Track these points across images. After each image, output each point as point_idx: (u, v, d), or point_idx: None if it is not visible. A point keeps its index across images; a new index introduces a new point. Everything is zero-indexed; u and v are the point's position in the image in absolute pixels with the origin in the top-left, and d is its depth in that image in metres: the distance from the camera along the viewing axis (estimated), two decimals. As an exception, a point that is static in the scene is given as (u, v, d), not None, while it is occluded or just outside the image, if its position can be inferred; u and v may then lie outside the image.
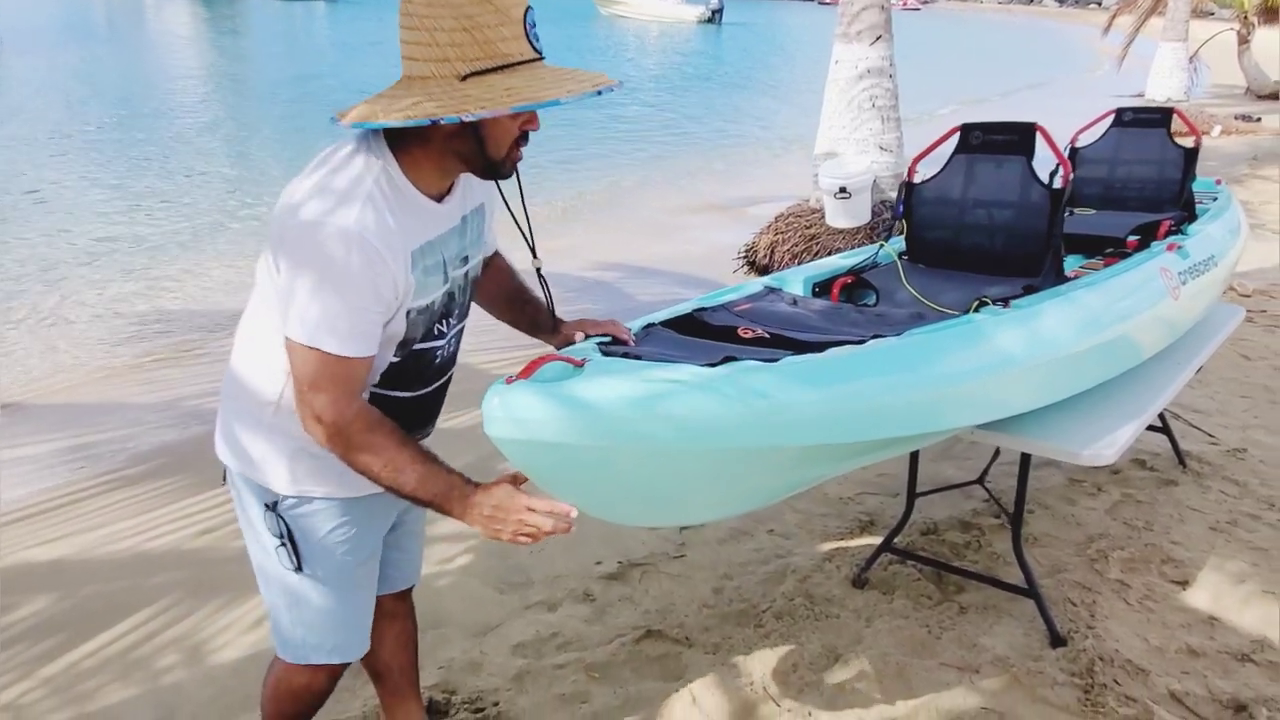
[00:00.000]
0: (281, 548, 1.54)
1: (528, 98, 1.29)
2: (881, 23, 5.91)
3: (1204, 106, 14.74)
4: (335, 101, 14.56)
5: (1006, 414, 2.05)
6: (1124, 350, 2.38)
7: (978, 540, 2.89)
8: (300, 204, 1.30)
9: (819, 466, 1.81)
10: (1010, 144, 2.58)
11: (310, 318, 1.29)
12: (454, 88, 1.30)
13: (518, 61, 1.33)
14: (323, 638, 1.64)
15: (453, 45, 1.29)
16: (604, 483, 1.54)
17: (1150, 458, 3.39)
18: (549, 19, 21.54)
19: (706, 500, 1.71)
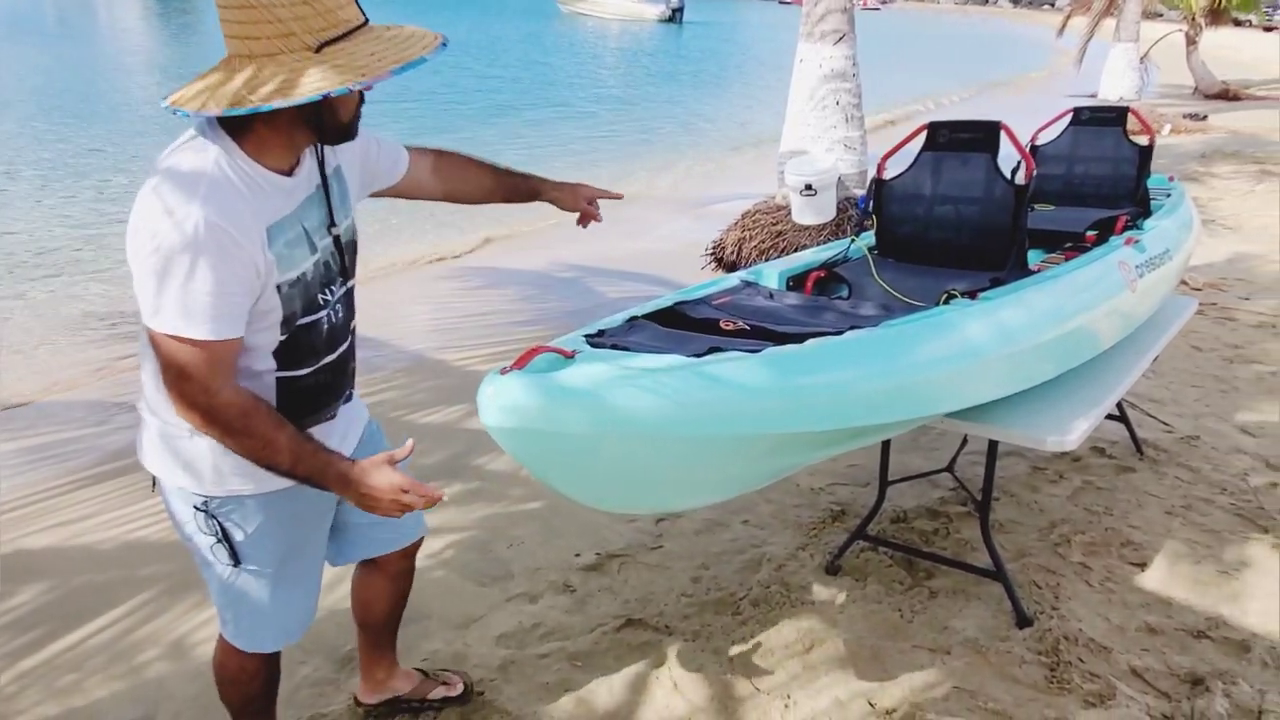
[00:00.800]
0: (218, 545, 1.57)
1: (396, 59, 1.32)
2: (845, 23, 6.01)
3: (1155, 106, 15.10)
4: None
5: (975, 402, 2.12)
6: (1085, 340, 2.47)
7: (946, 527, 2.98)
8: (149, 201, 1.31)
9: (800, 453, 1.87)
10: (975, 141, 2.66)
11: (170, 306, 1.30)
12: (315, 59, 1.31)
13: (357, 26, 1.36)
14: (262, 628, 1.70)
15: (296, 19, 1.30)
16: (593, 470, 1.58)
17: (1109, 445, 3.51)
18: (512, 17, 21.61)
19: (691, 486, 1.76)
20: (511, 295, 6.26)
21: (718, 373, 1.63)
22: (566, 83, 19.09)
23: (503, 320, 5.63)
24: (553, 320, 5.57)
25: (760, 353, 1.72)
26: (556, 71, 21.53)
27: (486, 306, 5.90)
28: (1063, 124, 3.67)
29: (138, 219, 1.32)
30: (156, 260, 1.29)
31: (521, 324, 5.48)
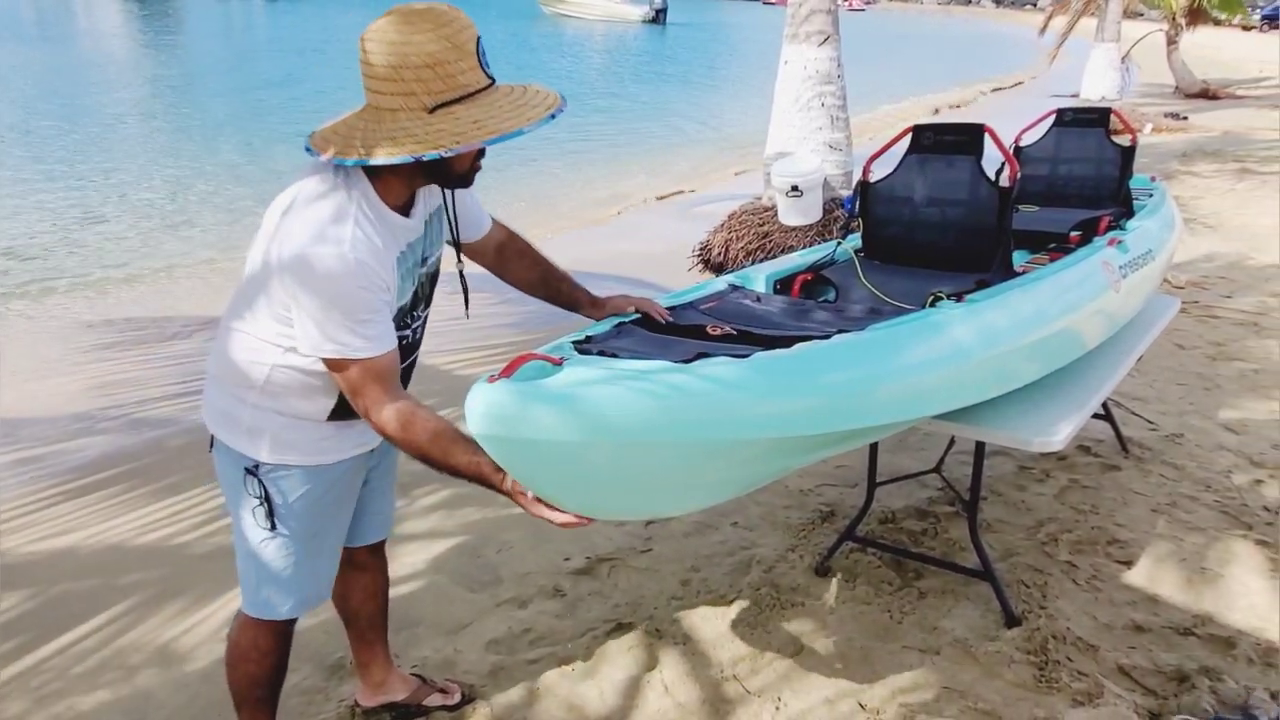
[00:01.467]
0: (259, 508, 1.70)
1: (494, 130, 1.47)
2: (829, 25, 6.03)
3: (1136, 105, 15.23)
4: (285, 108, 14.25)
5: (963, 404, 2.13)
6: (1071, 341, 2.49)
7: (935, 527, 2.99)
8: (302, 241, 1.47)
9: (789, 457, 1.87)
10: (960, 144, 2.67)
11: (337, 335, 1.48)
12: (425, 121, 1.46)
13: (476, 90, 1.49)
14: (283, 594, 1.79)
15: (419, 81, 1.44)
16: (582, 477, 1.58)
17: (1095, 444, 3.53)
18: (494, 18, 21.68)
19: (681, 492, 1.75)
20: (498, 299, 6.25)
21: (705, 378, 1.63)
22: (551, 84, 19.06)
23: (490, 324, 5.61)
24: (540, 324, 5.56)
25: (748, 358, 1.72)
26: (540, 73, 21.50)
27: (474, 310, 5.88)
28: (1045, 125, 3.69)
29: (295, 251, 1.46)
30: (322, 299, 1.47)
31: (509, 327, 5.47)
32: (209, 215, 8.30)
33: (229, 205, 8.70)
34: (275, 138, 12.00)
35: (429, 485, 3.47)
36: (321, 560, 1.83)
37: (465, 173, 1.60)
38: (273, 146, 11.45)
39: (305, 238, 1.46)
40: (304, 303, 1.48)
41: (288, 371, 1.61)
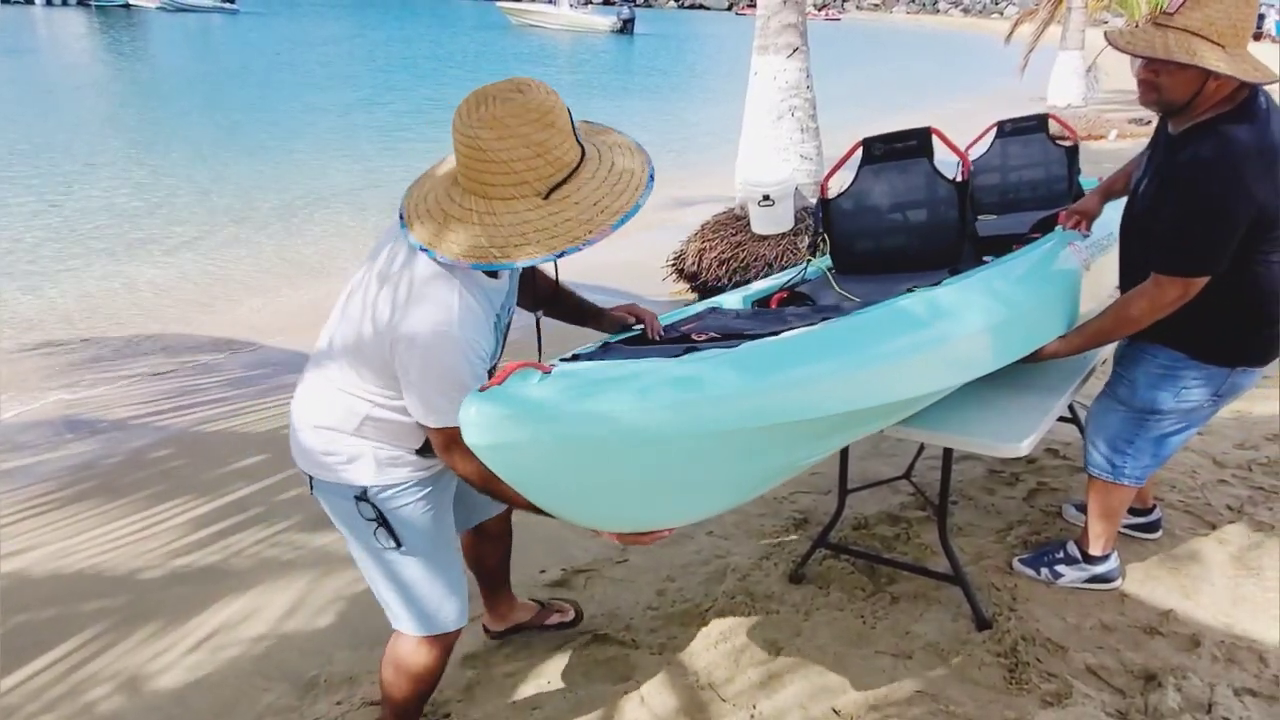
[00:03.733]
0: (380, 529, 1.77)
1: (618, 210, 1.54)
2: (798, 37, 6.09)
3: (1102, 112, 15.49)
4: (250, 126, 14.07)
5: (952, 382, 2.13)
6: (1051, 313, 2.47)
7: (906, 532, 3.03)
8: (419, 326, 1.55)
9: (783, 451, 1.82)
10: (910, 149, 2.73)
11: (438, 405, 1.58)
12: (545, 210, 1.52)
13: (576, 164, 1.54)
14: (439, 606, 1.87)
15: (530, 170, 1.49)
16: (579, 482, 1.55)
17: (1062, 447, 3.59)
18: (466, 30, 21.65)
19: (680, 494, 1.72)
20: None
21: (694, 370, 1.62)
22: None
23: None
24: (522, 337, 5.56)
25: (736, 348, 1.73)
26: (514, 83, 21.46)
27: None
28: (989, 139, 3.77)
29: (412, 333, 1.55)
30: (425, 368, 1.56)
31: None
32: (178, 233, 8.24)
33: (198, 222, 8.64)
34: (240, 153, 11.93)
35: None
36: (453, 562, 1.92)
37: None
38: (237, 165, 11.37)
39: (421, 323, 1.55)
40: (414, 379, 1.58)
41: (384, 413, 1.71)
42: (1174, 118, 2.19)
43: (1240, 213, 2.05)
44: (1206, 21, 2.00)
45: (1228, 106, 2.09)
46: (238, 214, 8.92)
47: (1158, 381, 2.37)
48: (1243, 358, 2.29)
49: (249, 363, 5.28)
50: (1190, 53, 2.00)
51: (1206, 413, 2.41)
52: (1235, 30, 2.01)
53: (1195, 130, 2.12)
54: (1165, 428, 2.42)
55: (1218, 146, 2.06)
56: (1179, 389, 2.34)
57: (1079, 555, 2.67)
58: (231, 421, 4.41)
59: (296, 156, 11.84)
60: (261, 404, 4.60)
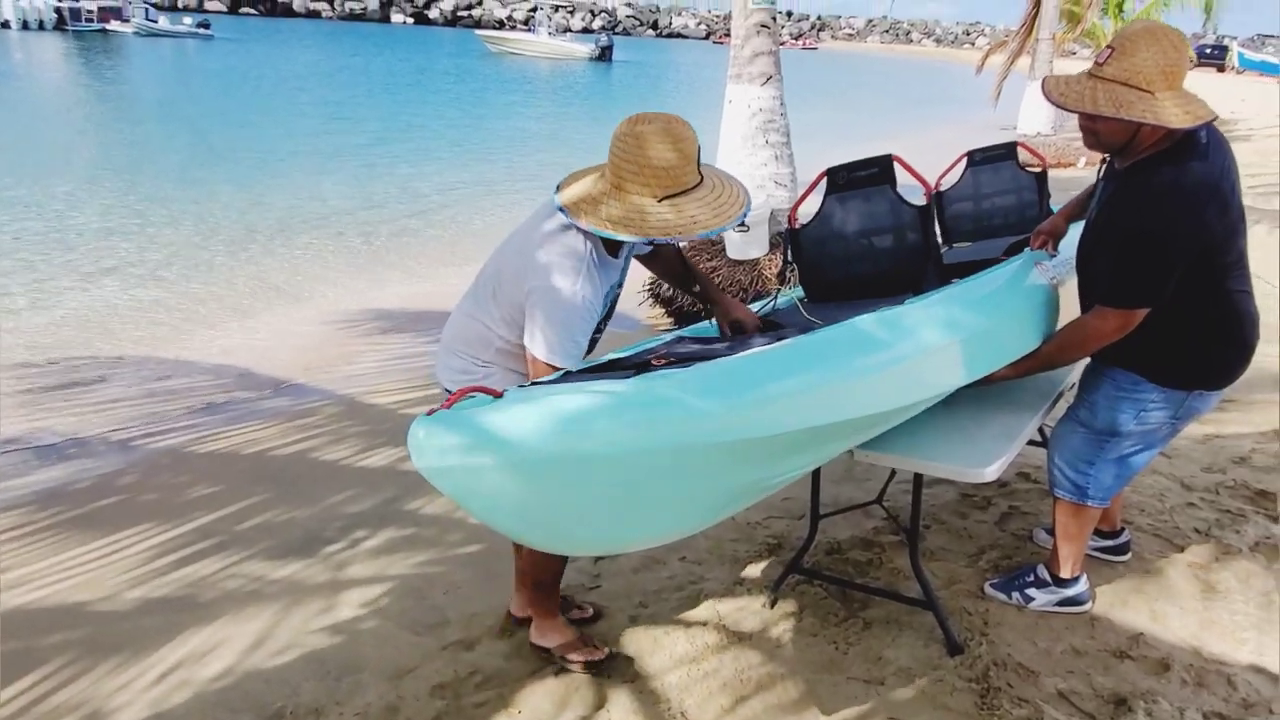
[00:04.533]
0: None
1: (706, 225, 2.00)
2: (771, 65, 6.16)
3: (1071, 140, 15.75)
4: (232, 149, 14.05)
5: (919, 396, 2.13)
6: (1022, 329, 2.47)
7: (879, 557, 3.03)
8: (550, 278, 2.01)
9: (743, 471, 1.80)
10: (873, 176, 2.77)
11: (550, 342, 2.00)
12: (655, 208, 1.99)
13: (692, 186, 2.02)
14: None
15: (655, 178, 1.98)
16: (532, 504, 1.54)
17: (1033, 470, 3.62)
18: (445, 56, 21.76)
19: (637, 515, 1.70)
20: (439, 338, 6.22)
21: (648, 388, 1.62)
22: (500, 118, 19.20)
23: (433, 362, 5.58)
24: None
25: (691, 366, 1.74)
26: (491, 108, 21.61)
27: (423, 348, 5.85)
28: (960, 168, 3.83)
29: (544, 284, 2.01)
30: (547, 311, 1.99)
31: (457, 364, 5.44)
32: (148, 258, 8.17)
33: (168, 247, 8.57)
34: (218, 178, 11.88)
35: (371, 527, 3.43)
36: None
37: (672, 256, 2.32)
38: (214, 190, 11.32)
39: (554, 276, 1.99)
40: (538, 318, 2.00)
41: (509, 345, 2.16)
42: (1117, 156, 2.25)
43: (1179, 247, 2.10)
44: (1134, 70, 2.05)
45: (1168, 144, 2.14)
46: (210, 238, 8.86)
47: (1117, 403, 2.40)
48: (1199, 381, 2.33)
49: (218, 388, 5.23)
50: (1117, 104, 2.05)
51: (1165, 434, 2.44)
52: (1165, 75, 2.05)
53: (1137, 167, 2.18)
54: (1125, 449, 2.45)
55: (1157, 184, 2.11)
56: (1138, 411, 2.37)
57: (1049, 579, 2.68)
58: (199, 448, 4.35)
59: (274, 181, 11.80)
60: (229, 430, 4.55)
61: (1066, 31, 18.88)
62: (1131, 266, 2.14)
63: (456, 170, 13.17)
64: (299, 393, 5.17)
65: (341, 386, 5.22)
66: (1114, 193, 2.24)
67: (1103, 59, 2.11)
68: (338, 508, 3.63)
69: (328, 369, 5.54)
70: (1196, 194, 2.09)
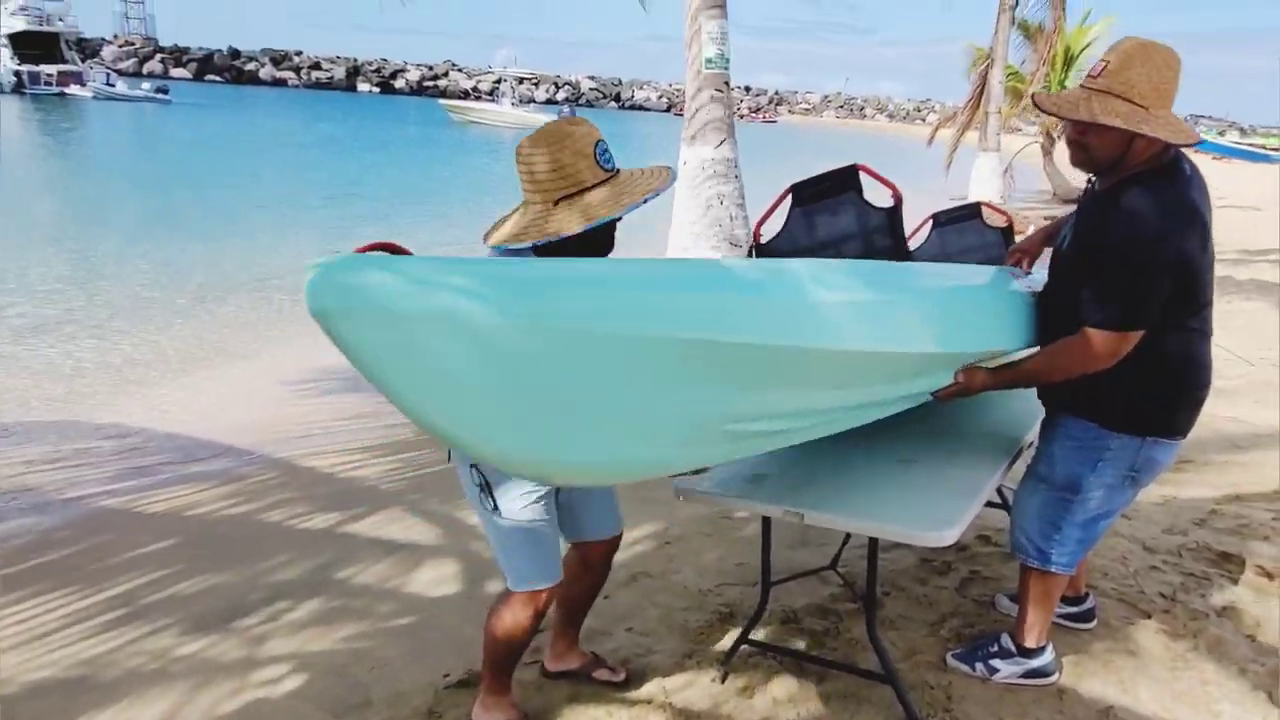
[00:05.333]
0: (483, 493, 2.07)
1: (593, 216, 1.86)
2: (725, 127, 6.19)
3: (1019, 210, 16.17)
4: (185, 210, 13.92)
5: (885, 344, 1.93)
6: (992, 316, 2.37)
7: (837, 626, 2.87)
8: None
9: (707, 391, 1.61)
10: (838, 187, 2.72)
11: None
12: (549, 213, 1.90)
13: (594, 184, 1.91)
14: (530, 569, 2.14)
15: (549, 181, 1.90)
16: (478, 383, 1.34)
17: (994, 533, 3.50)
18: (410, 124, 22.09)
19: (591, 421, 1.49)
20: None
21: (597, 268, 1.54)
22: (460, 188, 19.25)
23: (378, 423, 5.39)
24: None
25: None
26: (449, 175, 21.70)
27: (369, 409, 5.66)
28: (925, 230, 3.79)
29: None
30: None
31: (399, 425, 5.25)
32: (84, 316, 7.92)
33: (105, 306, 8.33)
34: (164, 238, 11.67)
35: (297, 597, 3.20)
36: (543, 543, 2.14)
37: (607, 241, 2.00)
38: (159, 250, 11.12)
39: None
40: None
41: None
42: (1102, 176, 2.19)
43: (1167, 267, 2.04)
44: (1129, 84, 2.02)
45: (1154, 166, 2.10)
46: (150, 297, 8.63)
47: (1074, 454, 2.31)
48: (1153, 427, 2.24)
49: (148, 449, 4.97)
50: (1112, 114, 2.01)
51: (1128, 493, 2.35)
52: (1158, 92, 2.02)
53: (1122, 185, 2.11)
54: (1090, 509, 2.34)
55: (1145, 202, 2.05)
56: (1096, 462, 2.28)
57: (1014, 648, 2.54)
58: (122, 512, 4.09)
59: (221, 242, 11.61)
60: (156, 493, 4.30)
61: (1011, 107, 19.54)
62: (1120, 286, 2.05)
63: (413, 229, 13.09)
64: (234, 454, 4.94)
65: (280, 448, 5.00)
66: (1096, 214, 2.17)
67: (1096, 72, 2.07)
68: (264, 575, 3.39)
69: (267, 430, 5.31)
70: (1182, 216, 2.05)
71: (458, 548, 3.62)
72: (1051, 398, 2.40)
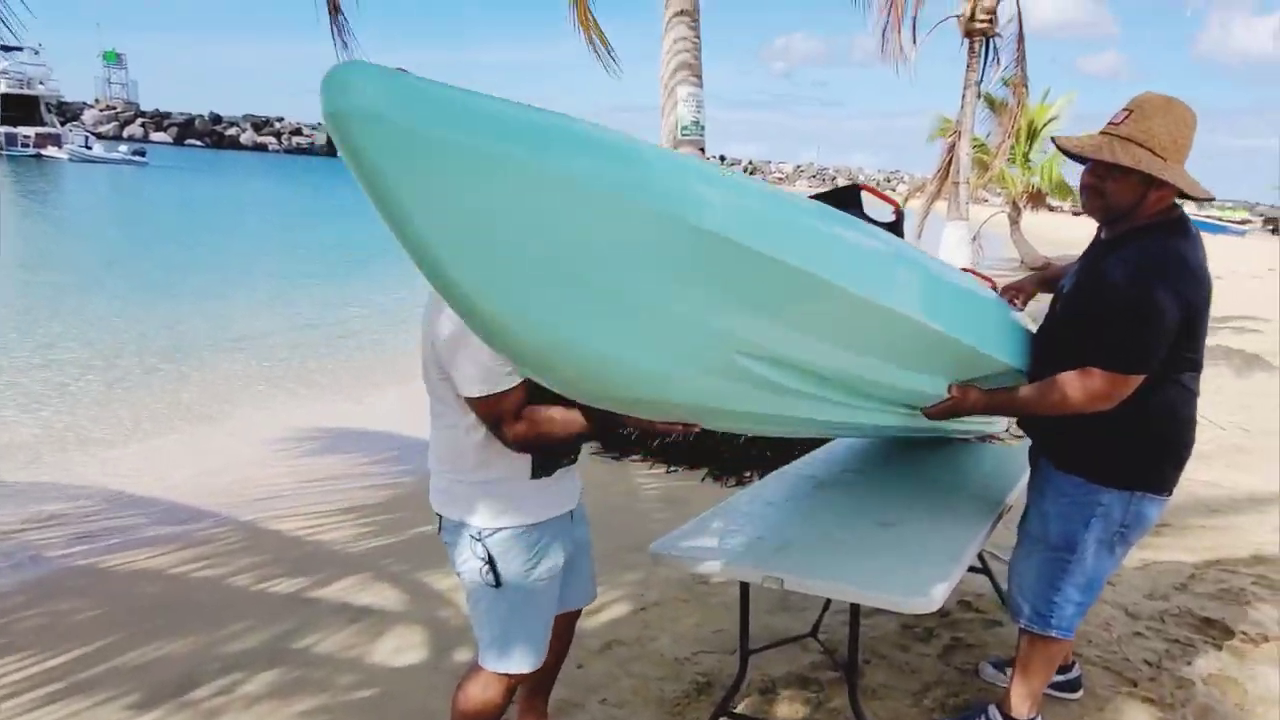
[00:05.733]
0: (485, 568, 1.97)
1: None
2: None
3: (989, 275, 16.45)
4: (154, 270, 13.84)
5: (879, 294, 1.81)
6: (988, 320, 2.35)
7: (817, 696, 2.77)
8: (442, 321, 1.82)
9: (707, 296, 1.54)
10: (840, 203, 2.70)
11: (477, 376, 1.80)
12: None
13: None
14: (515, 648, 2.03)
15: None
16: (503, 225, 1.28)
17: (975, 599, 3.44)
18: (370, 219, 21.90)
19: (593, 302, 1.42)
20: (367, 459, 5.91)
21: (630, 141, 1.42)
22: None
23: (349, 485, 5.27)
24: (406, 482, 5.25)
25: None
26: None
27: (338, 470, 5.53)
28: None
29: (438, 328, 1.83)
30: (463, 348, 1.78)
31: (370, 487, 5.14)
32: (44, 377, 7.75)
33: (66, 366, 8.17)
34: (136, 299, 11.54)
35: (254, 668, 3.06)
36: (540, 622, 2.07)
37: None
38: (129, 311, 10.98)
39: (444, 318, 1.81)
40: (457, 362, 1.81)
41: (484, 434, 1.91)
42: (1111, 225, 2.21)
43: (1173, 314, 2.04)
44: (1149, 133, 2.05)
45: (1163, 219, 2.13)
46: (117, 358, 8.48)
47: (1067, 510, 2.28)
48: (1142, 481, 2.22)
49: (110, 511, 4.81)
50: (1135, 159, 2.04)
51: (1118, 551, 2.30)
52: (1176, 146, 2.06)
53: (1132, 234, 2.14)
54: (1087, 569, 2.29)
55: (1155, 251, 2.08)
56: (1089, 518, 2.25)
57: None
58: (79, 576, 3.93)
59: (191, 303, 11.50)
60: (115, 557, 4.14)
61: (979, 178, 20.03)
62: (1127, 331, 2.06)
63: (384, 293, 13.04)
64: (198, 517, 4.79)
65: (246, 511, 4.85)
66: (1105, 258, 2.18)
67: (1118, 120, 2.10)
68: (222, 644, 3.24)
69: (233, 492, 5.17)
70: (1189, 267, 2.08)
71: (424, 614, 3.49)
72: (1042, 453, 2.38)
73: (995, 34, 15.48)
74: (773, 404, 1.89)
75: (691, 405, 1.74)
